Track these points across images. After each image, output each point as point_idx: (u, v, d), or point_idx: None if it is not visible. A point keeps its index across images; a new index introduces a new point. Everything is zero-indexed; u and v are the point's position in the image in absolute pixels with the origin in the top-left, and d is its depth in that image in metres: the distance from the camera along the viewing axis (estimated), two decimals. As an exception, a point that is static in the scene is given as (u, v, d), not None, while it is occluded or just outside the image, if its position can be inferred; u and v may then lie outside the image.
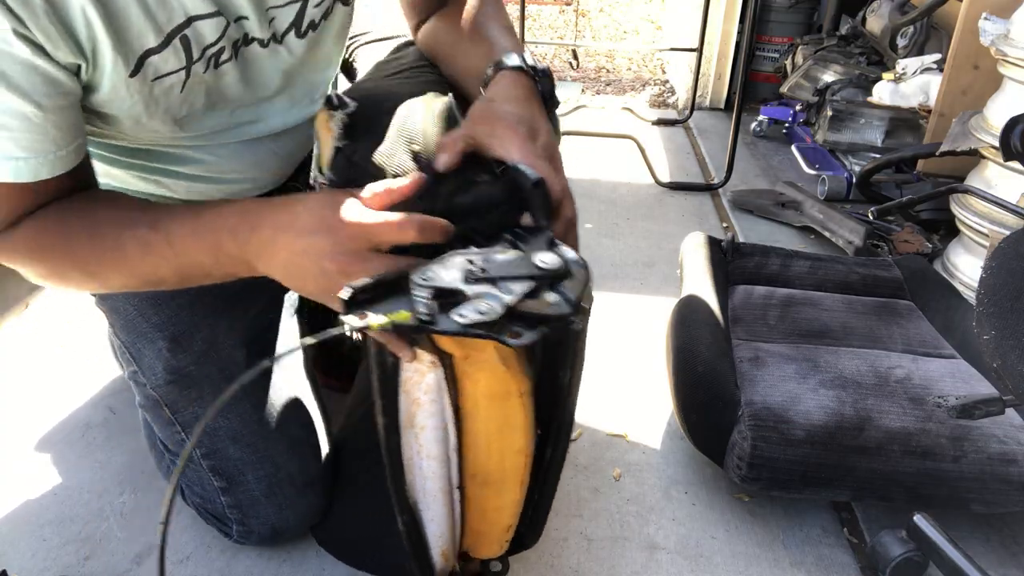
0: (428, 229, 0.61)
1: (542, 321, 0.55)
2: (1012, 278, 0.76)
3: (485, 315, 0.53)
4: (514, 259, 0.59)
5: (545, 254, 0.59)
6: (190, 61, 0.70)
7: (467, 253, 0.59)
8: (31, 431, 1.13)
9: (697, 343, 1.06)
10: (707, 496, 1.02)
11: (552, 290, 0.57)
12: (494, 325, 0.53)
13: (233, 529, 0.90)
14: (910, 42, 2.11)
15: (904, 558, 0.86)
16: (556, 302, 0.55)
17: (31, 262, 0.70)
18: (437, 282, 0.55)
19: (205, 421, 0.54)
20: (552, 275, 0.57)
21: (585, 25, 4.58)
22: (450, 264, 0.58)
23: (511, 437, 0.67)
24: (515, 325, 0.54)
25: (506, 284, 0.56)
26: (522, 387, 0.64)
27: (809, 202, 1.84)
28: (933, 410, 0.94)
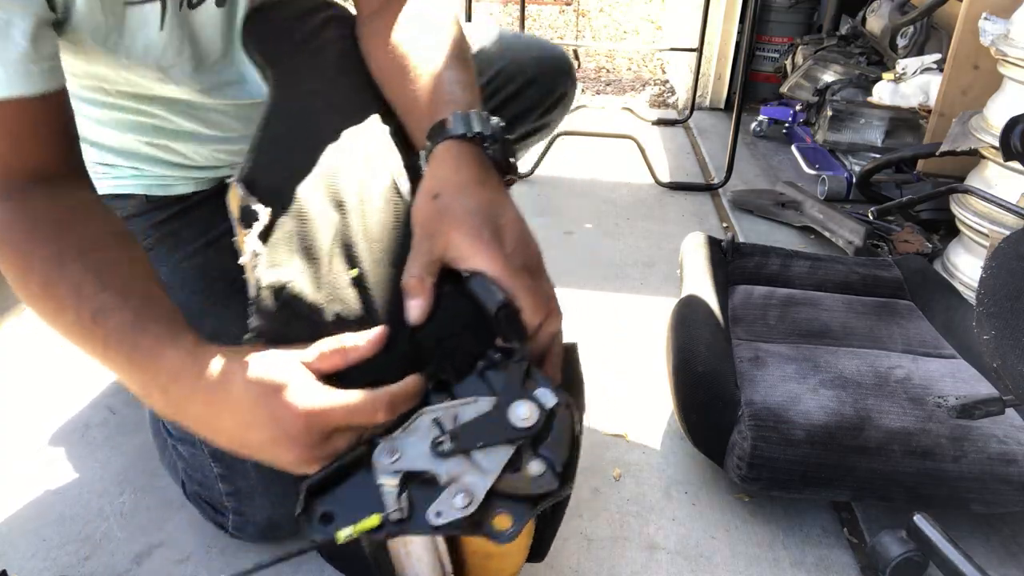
0: (400, 404, 0.53)
1: (529, 501, 0.49)
2: (1012, 278, 0.76)
3: (464, 510, 0.48)
4: (487, 417, 0.52)
5: (520, 407, 0.52)
6: None
7: (433, 411, 0.53)
8: (31, 431, 1.13)
9: (697, 343, 1.06)
10: (707, 496, 1.02)
11: (535, 454, 0.51)
12: (475, 515, 0.48)
13: (229, 519, 0.90)
14: (910, 42, 2.11)
15: (904, 558, 0.86)
16: (540, 474, 0.50)
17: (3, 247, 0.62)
18: (404, 464, 0.50)
19: None
20: (533, 435, 0.51)
21: (585, 25, 4.58)
22: (416, 430, 0.52)
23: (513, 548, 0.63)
24: (499, 506, 0.49)
25: (482, 455, 0.50)
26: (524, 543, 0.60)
27: (809, 202, 1.84)
28: (933, 410, 0.94)
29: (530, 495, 0.49)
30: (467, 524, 0.48)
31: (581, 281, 1.60)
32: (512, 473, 0.49)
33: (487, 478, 0.49)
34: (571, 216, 1.92)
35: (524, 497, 0.49)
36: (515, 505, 0.49)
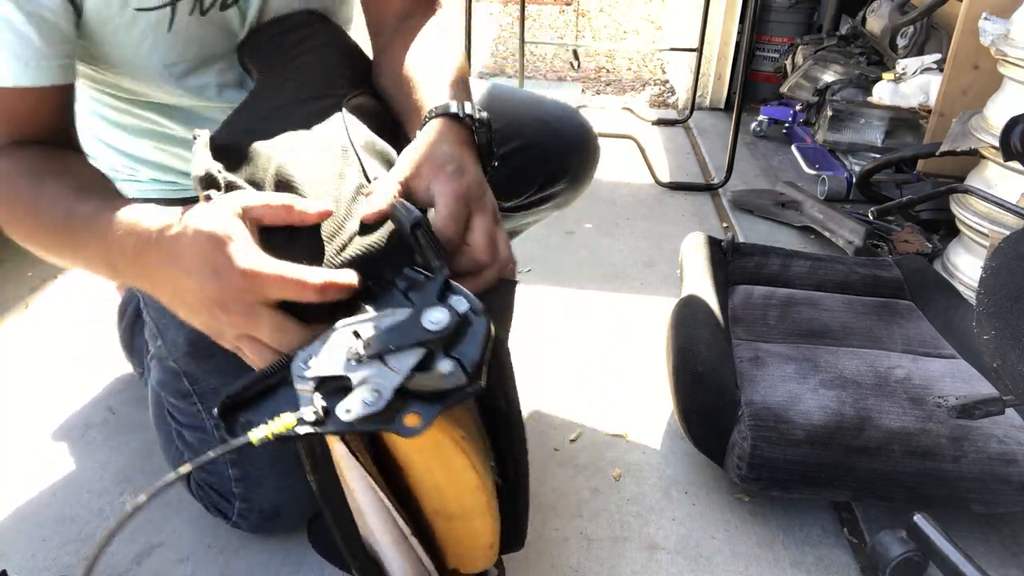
0: (330, 289, 0.55)
1: (438, 397, 0.50)
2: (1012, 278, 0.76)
3: (372, 406, 0.49)
4: (401, 323, 0.53)
5: (434, 311, 0.53)
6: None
7: (353, 322, 0.54)
8: (31, 431, 1.13)
9: (697, 343, 1.06)
10: (707, 496, 1.02)
11: (447, 355, 0.52)
12: (385, 412, 0.49)
13: (234, 507, 0.90)
14: (910, 42, 2.11)
15: (904, 558, 0.86)
16: (449, 372, 0.51)
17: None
18: (318, 370, 0.51)
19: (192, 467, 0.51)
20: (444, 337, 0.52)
21: (585, 25, 4.58)
22: (333, 343, 0.53)
23: (461, 479, 0.64)
24: (411, 405, 0.50)
25: (394, 357, 0.51)
26: (454, 435, 0.60)
27: (809, 202, 1.84)
28: (933, 410, 0.94)
29: (439, 391, 0.50)
30: (377, 419, 0.49)
31: (581, 281, 1.60)
32: (422, 373, 0.51)
33: (396, 377, 0.50)
34: (571, 216, 1.92)
35: (434, 395, 0.51)
36: (425, 404, 0.50)
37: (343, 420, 0.49)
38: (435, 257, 0.57)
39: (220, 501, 0.92)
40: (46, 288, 1.50)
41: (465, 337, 0.52)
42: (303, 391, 0.51)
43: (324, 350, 0.53)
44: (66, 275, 1.54)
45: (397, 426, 0.49)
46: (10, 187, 0.68)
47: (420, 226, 0.58)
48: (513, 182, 0.90)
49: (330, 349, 0.52)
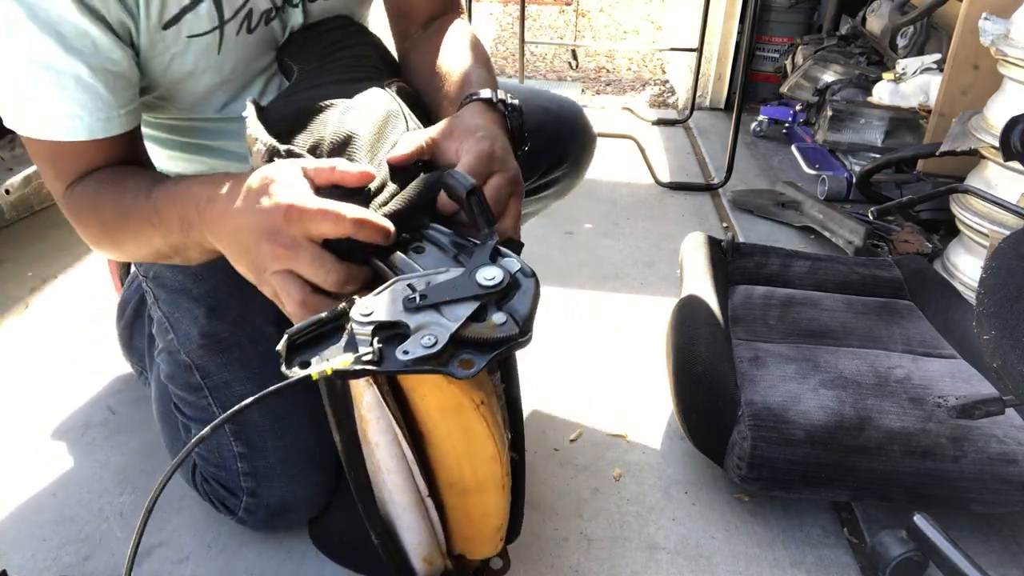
0: (366, 226, 0.59)
1: (490, 344, 0.53)
2: (1012, 278, 0.76)
3: (430, 348, 0.51)
4: (456, 279, 0.57)
5: (488, 269, 0.56)
6: (222, 21, 0.76)
7: (407, 278, 0.58)
8: (31, 431, 1.13)
9: (697, 343, 1.06)
10: (707, 496, 1.02)
11: (499, 309, 0.55)
12: (441, 356, 0.52)
13: (242, 501, 0.90)
14: (910, 42, 2.11)
15: (904, 558, 0.86)
16: (503, 323, 0.54)
17: (76, 224, 0.78)
18: (377, 316, 0.54)
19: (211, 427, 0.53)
20: (497, 292, 0.55)
21: (585, 25, 4.58)
22: (391, 293, 0.56)
23: (479, 446, 0.66)
24: (463, 352, 0.53)
25: (450, 308, 0.54)
26: (476, 398, 0.62)
27: (809, 202, 1.84)
28: (933, 410, 0.94)
29: (491, 339, 0.53)
30: (433, 360, 0.52)
31: (581, 281, 1.60)
32: (476, 323, 0.54)
33: (452, 324, 0.53)
34: (571, 216, 1.92)
35: (486, 344, 0.53)
36: (477, 352, 0.53)
37: (401, 360, 0.52)
38: (485, 224, 0.61)
39: (227, 496, 0.92)
40: (46, 288, 1.50)
41: (516, 294, 0.56)
42: (361, 335, 0.53)
43: (381, 300, 0.55)
44: (66, 275, 1.55)
45: (452, 368, 0.52)
46: (94, 199, 0.75)
47: (474, 193, 0.61)
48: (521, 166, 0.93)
49: (387, 299, 0.55)
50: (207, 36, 0.77)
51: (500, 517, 0.75)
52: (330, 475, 0.90)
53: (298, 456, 0.88)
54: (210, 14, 0.76)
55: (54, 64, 0.67)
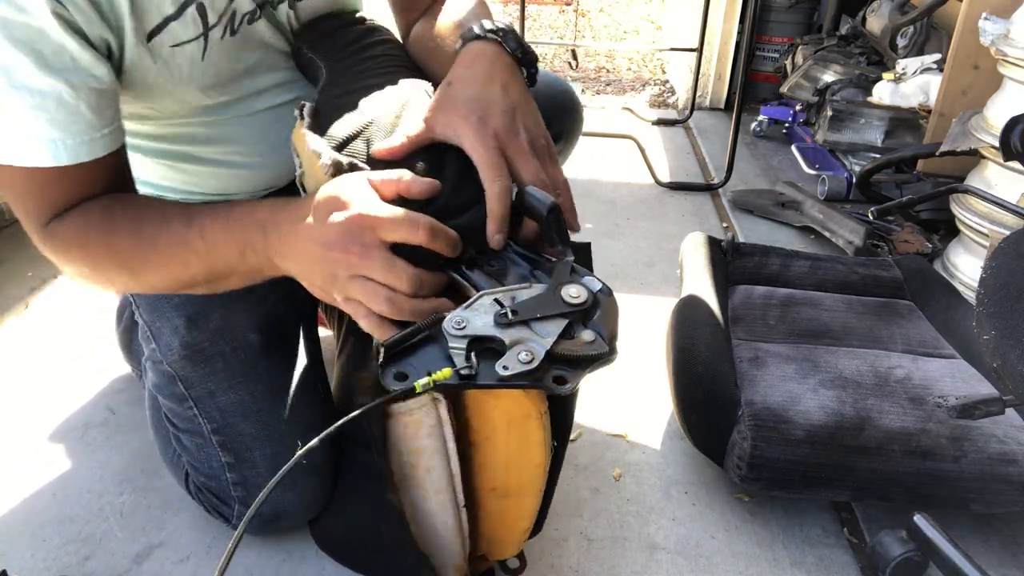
0: (439, 234, 0.60)
1: (583, 361, 0.54)
2: (1012, 278, 0.76)
3: (528, 365, 0.53)
4: (542, 296, 0.58)
5: (571, 287, 0.58)
6: (206, 28, 0.73)
7: (493, 292, 0.59)
8: (31, 431, 1.13)
9: (697, 343, 1.06)
10: (707, 496, 1.02)
11: (586, 326, 0.57)
12: (537, 372, 0.53)
13: (235, 510, 0.90)
14: (910, 42, 2.11)
15: (904, 558, 0.86)
16: (592, 340, 0.55)
17: (75, 258, 0.72)
18: (471, 330, 0.55)
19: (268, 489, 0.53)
20: (583, 310, 0.57)
21: (585, 25, 4.58)
22: (479, 308, 0.57)
23: (530, 454, 0.67)
24: (556, 368, 0.54)
25: (540, 325, 0.56)
26: (541, 408, 0.63)
27: (809, 202, 1.84)
28: (933, 410, 0.94)
29: (584, 356, 0.54)
30: (529, 376, 0.53)
31: (581, 281, 1.59)
32: (567, 340, 0.55)
33: (546, 340, 0.54)
34: (571, 216, 1.92)
35: (577, 360, 0.55)
36: (568, 368, 0.54)
37: (500, 375, 0.53)
38: (560, 241, 0.63)
39: (220, 504, 0.92)
40: (46, 288, 1.50)
41: (599, 311, 0.58)
42: (455, 349, 0.54)
43: (472, 314, 0.56)
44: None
45: (547, 383, 0.53)
46: (103, 226, 0.70)
47: (555, 211, 0.62)
48: None
49: (478, 313, 0.56)
50: (192, 44, 0.74)
51: (530, 520, 0.75)
52: (324, 480, 0.89)
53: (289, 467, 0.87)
54: (195, 21, 0.73)
55: (31, 84, 0.62)
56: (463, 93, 0.68)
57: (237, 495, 0.89)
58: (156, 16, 0.69)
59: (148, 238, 0.69)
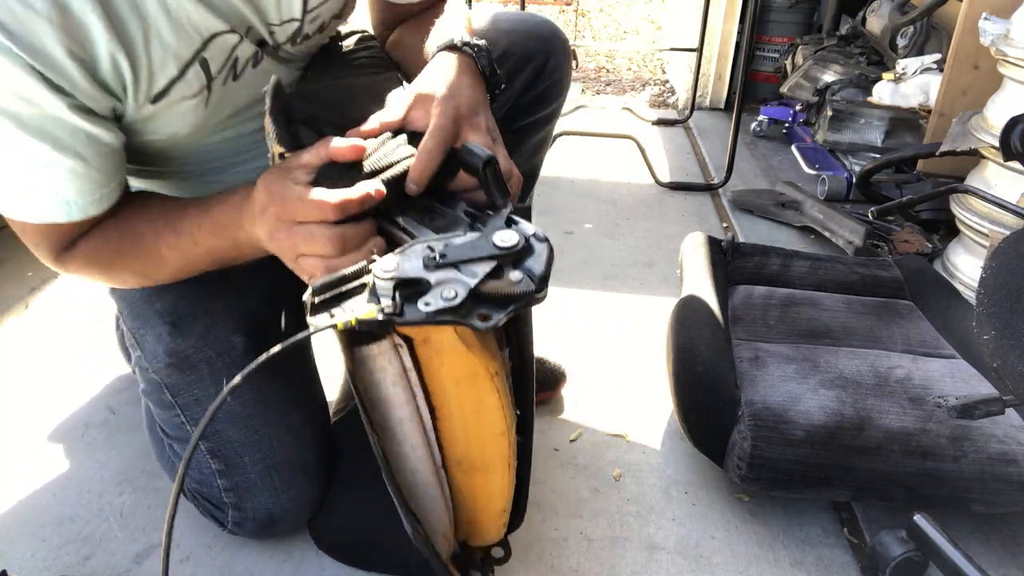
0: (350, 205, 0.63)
1: (509, 300, 0.55)
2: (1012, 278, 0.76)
3: (451, 301, 0.53)
4: (473, 241, 0.59)
5: (504, 232, 0.59)
6: (210, 80, 0.75)
7: (426, 240, 0.60)
8: (31, 431, 1.13)
9: (697, 343, 1.06)
10: (707, 496, 1.02)
11: (516, 268, 0.57)
12: (460, 309, 0.53)
13: (228, 515, 0.90)
14: (910, 42, 2.11)
15: (904, 558, 0.86)
16: (519, 280, 0.56)
17: (91, 275, 0.81)
18: (399, 273, 0.56)
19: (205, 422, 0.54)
20: (513, 253, 0.58)
21: (585, 25, 4.58)
22: (411, 254, 0.58)
23: (488, 419, 0.67)
24: (482, 308, 0.54)
25: (468, 267, 0.56)
26: (490, 368, 0.64)
27: (809, 202, 1.84)
28: (933, 410, 0.94)
29: (509, 294, 0.55)
30: (453, 312, 0.53)
31: (581, 281, 1.60)
32: (494, 280, 0.56)
33: (472, 280, 0.55)
34: (571, 216, 1.92)
35: (503, 299, 0.55)
36: (495, 307, 0.55)
37: (422, 311, 0.53)
38: (500, 195, 0.65)
39: (214, 510, 0.92)
40: (46, 288, 1.50)
41: (531, 256, 0.58)
42: (383, 290, 0.55)
43: (403, 258, 0.58)
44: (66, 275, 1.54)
45: (471, 320, 0.53)
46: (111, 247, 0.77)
47: (490, 164, 0.65)
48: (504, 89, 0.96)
49: (408, 257, 0.58)
50: (196, 98, 0.75)
51: (504, 500, 0.75)
52: (317, 482, 0.90)
53: (278, 469, 0.87)
54: (198, 77, 0.73)
55: (49, 161, 0.67)
56: (434, 85, 0.72)
57: (229, 501, 0.89)
58: (162, 81, 0.70)
59: (150, 251, 0.76)
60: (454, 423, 0.68)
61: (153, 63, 0.68)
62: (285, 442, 0.87)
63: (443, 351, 0.63)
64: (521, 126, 1.03)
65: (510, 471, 0.72)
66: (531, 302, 0.56)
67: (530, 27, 1.01)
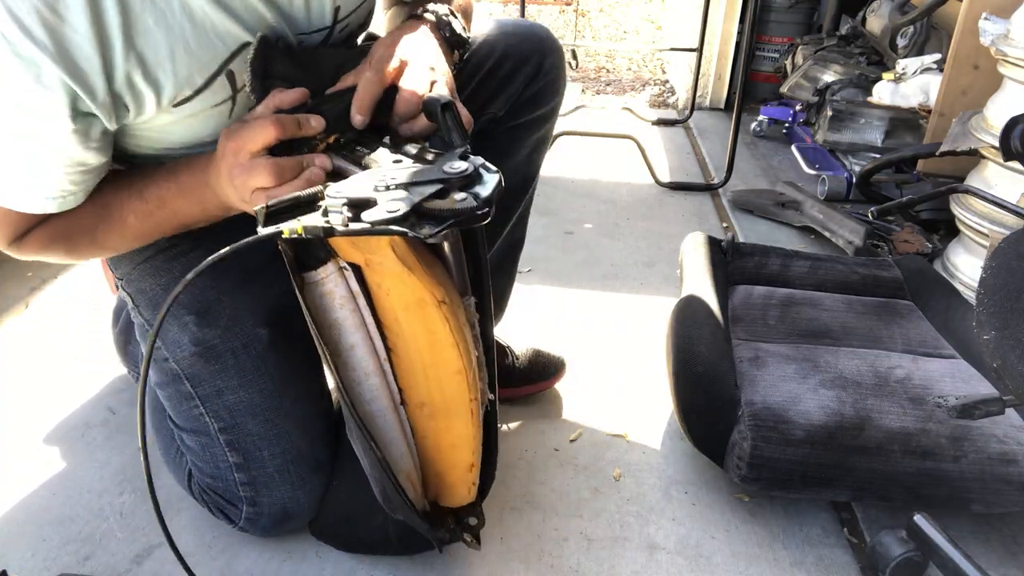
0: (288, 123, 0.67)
1: (450, 215, 0.57)
2: (1012, 278, 0.76)
3: (393, 213, 0.55)
4: (425, 168, 0.62)
5: (455, 162, 0.61)
6: (235, 91, 0.75)
7: (382, 170, 0.63)
8: (31, 431, 1.13)
9: (697, 343, 1.06)
10: (707, 496, 1.02)
11: (462, 191, 0.60)
12: (403, 222, 0.55)
13: (242, 512, 0.90)
14: (910, 42, 2.11)
15: (904, 558, 0.86)
16: (463, 198, 0.58)
17: (49, 255, 0.80)
18: (348, 192, 0.59)
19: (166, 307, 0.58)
20: (462, 178, 0.60)
21: (585, 25, 4.58)
22: (362, 178, 0.61)
23: (443, 355, 0.69)
24: (426, 224, 0.57)
25: (416, 188, 0.59)
26: (437, 295, 0.65)
27: (809, 202, 1.84)
28: (933, 410, 0.94)
29: (451, 210, 0.57)
30: (395, 222, 0.55)
31: (581, 281, 1.60)
32: (439, 200, 0.58)
33: (416, 197, 0.57)
34: (571, 216, 1.92)
35: (444, 215, 0.57)
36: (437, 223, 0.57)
37: (366, 221, 0.55)
38: (459, 137, 0.68)
39: (226, 506, 0.91)
40: (46, 288, 1.50)
41: (479, 183, 0.61)
42: (333, 208, 0.57)
43: (355, 181, 0.60)
44: (66, 275, 1.55)
45: (413, 231, 0.55)
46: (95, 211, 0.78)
47: (449, 108, 0.68)
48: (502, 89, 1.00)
49: (360, 181, 0.61)
50: (221, 106, 0.76)
51: (470, 453, 0.75)
52: (327, 476, 0.90)
53: (295, 463, 0.87)
54: (224, 88, 0.74)
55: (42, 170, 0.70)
56: (386, 39, 0.77)
57: (245, 495, 0.89)
58: (187, 90, 0.71)
59: (116, 219, 0.78)
60: (410, 357, 0.70)
61: (178, 73, 0.69)
62: (300, 436, 0.88)
63: (385, 274, 0.66)
64: (520, 123, 1.04)
65: (474, 418, 0.73)
66: (473, 219, 0.58)
67: (526, 31, 1.05)
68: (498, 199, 0.60)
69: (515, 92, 1.01)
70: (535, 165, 1.13)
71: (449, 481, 0.78)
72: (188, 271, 0.76)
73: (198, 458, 0.91)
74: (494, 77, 0.99)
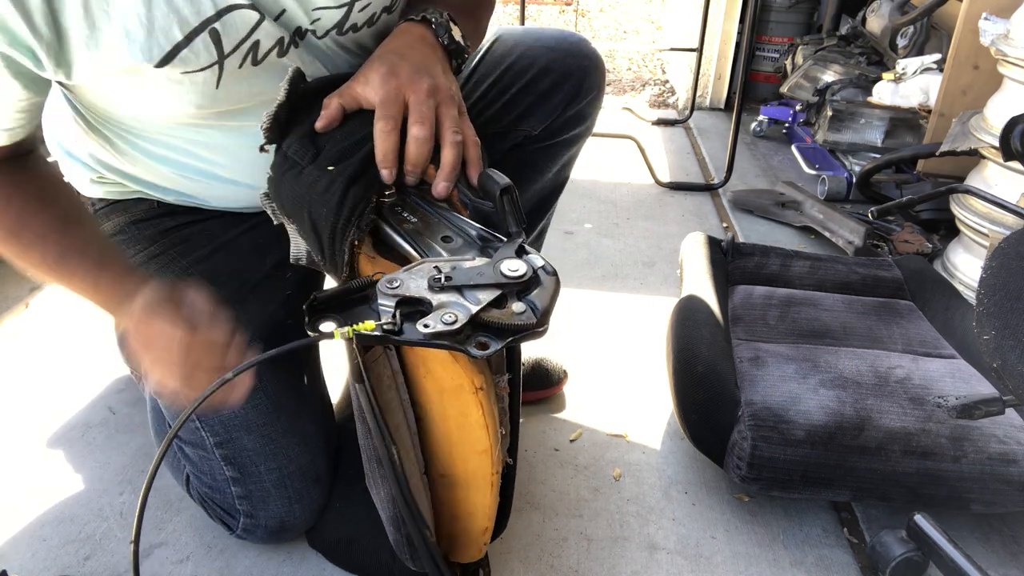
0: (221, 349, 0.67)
1: (508, 331, 0.55)
2: (1012, 278, 0.76)
3: (450, 326, 0.53)
4: (481, 267, 0.59)
5: (512, 261, 0.59)
6: (221, 56, 0.71)
7: (435, 260, 0.60)
8: (31, 431, 1.13)
9: (697, 343, 1.06)
10: (707, 496, 1.02)
11: (519, 299, 0.57)
12: (458, 335, 0.53)
13: (239, 522, 0.89)
14: (910, 42, 2.11)
15: (904, 558, 0.86)
16: (522, 311, 0.56)
17: None
18: (402, 290, 0.56)
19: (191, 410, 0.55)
20: (519, 284, 0.57)
21: (585, 25, 4.58)
22: (417, 272, 0.58)
23: (471, 435, 0.67)
24: (481, 335, 0.54)
25: (473, 293, 0.56)
26: (476, 382, 0.64)
27: (809, 202, 1.84)
28: (933, 410, 0.94)
29: (509, 325, 0.55)
30: (450, 337, 0.53)
31: (581, 281, 1.60)
32: (496, 309, 0.56)
33: (473, 307, 0.55)
34: (571, 216, 1.92)
35: (502, 329, 0.55)
36: (494, 336, 0.55)
37: (420, 332, 0.53)
38: (515, 223, 0.64)
39: (224, 515, 0.91)
40: (46, 288, 1.50)
41: (537, 287, 0.58)
42: (384, 306, 0.55)
43: (408, 277, 0.58)
44: None
45: (467, 347, 0.54)
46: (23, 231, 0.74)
47: (508, 192, 0.65)
48: (541, 104, 0.96)
49: (413, 276, 0.58)
50: (205, 71, 0.71)
51: (486, 519, 0.74)
52: (324, 491, 0.90)
53: (292, 478, 0.87)
54: (208, 50, 0.70)
55: None
56: (381, 54, 0.73)
57: (242, 508, 0.88)
58: (163, 41, 0.67)
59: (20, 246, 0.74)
60: (437, 436, 0.68)
61: (155, 20, 0.65)
62: (298, 451, 0.87)
63: (429, 360, 0.64)
64: (557, 142, 1.03)
65: (492, 490, 0.71)
66: (531, 336, 0.56)
67: (570, 45, 1.01)
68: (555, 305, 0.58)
69: (553, 110, 0.99)
70: (565, 175, 1.13)
71: (462, 542, 0.78)
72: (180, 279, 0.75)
73: (196, 468, 0.91)
74: (531, 92, 0.97)
